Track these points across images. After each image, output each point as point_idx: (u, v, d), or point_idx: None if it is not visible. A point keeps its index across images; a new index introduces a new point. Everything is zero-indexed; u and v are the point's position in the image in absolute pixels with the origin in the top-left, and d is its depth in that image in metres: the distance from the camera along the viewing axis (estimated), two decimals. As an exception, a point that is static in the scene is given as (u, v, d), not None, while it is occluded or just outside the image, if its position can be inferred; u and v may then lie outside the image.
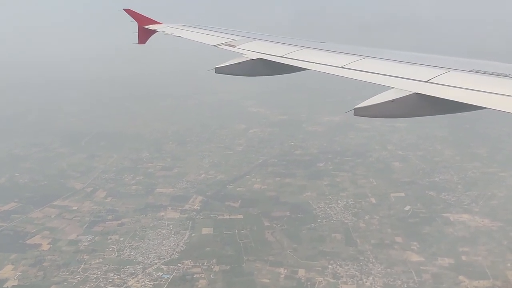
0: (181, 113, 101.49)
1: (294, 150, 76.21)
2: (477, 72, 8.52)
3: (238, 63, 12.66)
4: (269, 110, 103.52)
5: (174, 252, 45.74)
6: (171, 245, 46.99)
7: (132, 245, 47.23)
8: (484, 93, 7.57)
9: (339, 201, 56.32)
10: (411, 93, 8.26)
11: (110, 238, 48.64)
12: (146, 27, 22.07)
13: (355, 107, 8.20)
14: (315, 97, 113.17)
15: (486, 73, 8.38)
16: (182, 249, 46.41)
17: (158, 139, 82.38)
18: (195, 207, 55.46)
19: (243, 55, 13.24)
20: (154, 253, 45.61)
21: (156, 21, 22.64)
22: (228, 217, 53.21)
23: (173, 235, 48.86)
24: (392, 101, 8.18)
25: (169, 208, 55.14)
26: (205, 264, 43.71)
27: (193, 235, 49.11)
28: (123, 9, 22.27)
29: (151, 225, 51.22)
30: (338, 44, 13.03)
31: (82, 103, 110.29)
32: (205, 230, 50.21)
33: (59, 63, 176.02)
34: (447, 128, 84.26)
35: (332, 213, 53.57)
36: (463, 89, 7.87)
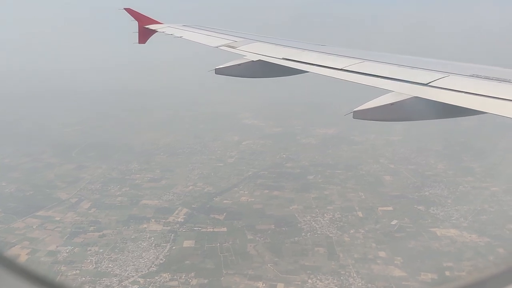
0: (175, 125, 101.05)
1: (286, 163, 75.47)
2: (478, 77, 8.46)
3: (239, 65, 12.75)
4: (264, 122, 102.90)
5: (153, 265, 44.94)
6: (151, 257, 46.19)
7: (111, 257, 46.43)
8: (485, 97, 7.53)
9: (325, 215, 55.47)
10: (410, 96, 8.25)
11: (90, 250, 47.87)
12: (146, 27, 22.16)
13: (354, 110, 8.29)
14: (311, 109, 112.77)
15: (486, 78, 8.32)
16: (161, 261, 45.62)
17: (149, 151, 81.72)
18: (179, 219, 54.70)
19: (244, 57, 13.31)
20: (132, 265, 44.80)
21: (156, 21, 22.74)
22: (211, 230, 52.40)
23: (153, 248, 48.06)
24: (391, 104, 8.19)
25: (153, 220, 54.36)
26: (183, 277, 42.93)
27: (173, 248, 48.33)
28: (124, 8, 22.41)
29: (132, 237, 50.44)
30: (338, 47, 13.14)
31: (78, 113, 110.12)
32: (187, 243, 49.43)
33: (60, 72, 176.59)
34: (442, 142, 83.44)
35: (317, 226, 52.71)
36: (463, 93, 7.83)
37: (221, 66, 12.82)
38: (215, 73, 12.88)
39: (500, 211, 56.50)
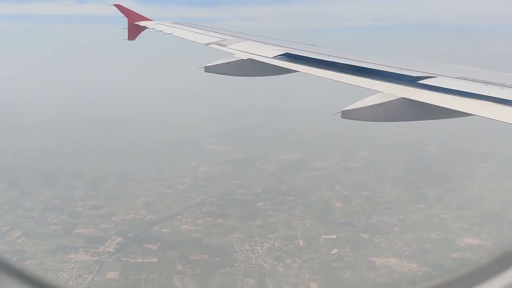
0: (135, 150, 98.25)
1: (238, 189, 73.35)
2: (465, 79, 8.55)
3: (228, 63, 12.76)
4: (227, 148, 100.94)
5: (68, 298, 42.41)
6: (68, 290, 43.66)
7: (26, 289, 43.80)
8: (471, 99, 7.60)
9: (265, 243, 53.39)
10: (398, 97, 8.34)
11: (5, 282, 45.20)
12: (136, 23, 22.02)
13: (343, 109, 8.29)
14: (277, 134, 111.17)
15: (473, 80, 8.41)
16: (78, 294, 43.20)
17: (100, 177, 78.83)
18: (110, 249, 52.22)
19: (234, 55, 13.35)
20: (46, 299, 42.17)
21: (146, 18, 22.65)
22: (141, 260, 49.98)
23: (74, 279, 45.54)
24: (379, 105, 8.29)
25: (81, 250, 51.86)
26: (97, 311, 40.52)
27: (95, 279, 45.86)
28: (114, 5, 22.29)
29: (54, 267, 47.90)
30: (328, 48, 13.15)
31: (38, 139, 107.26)
32: (111, 274, 46.99)
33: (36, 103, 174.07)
34: (402, 168, 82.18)
35: (253, 256, 50.58)
36: (449, 95, 7.93)
37: (211, 64, 12.78)
38: (205, 71, 12.77)
39: (447, 239, 54.76)
